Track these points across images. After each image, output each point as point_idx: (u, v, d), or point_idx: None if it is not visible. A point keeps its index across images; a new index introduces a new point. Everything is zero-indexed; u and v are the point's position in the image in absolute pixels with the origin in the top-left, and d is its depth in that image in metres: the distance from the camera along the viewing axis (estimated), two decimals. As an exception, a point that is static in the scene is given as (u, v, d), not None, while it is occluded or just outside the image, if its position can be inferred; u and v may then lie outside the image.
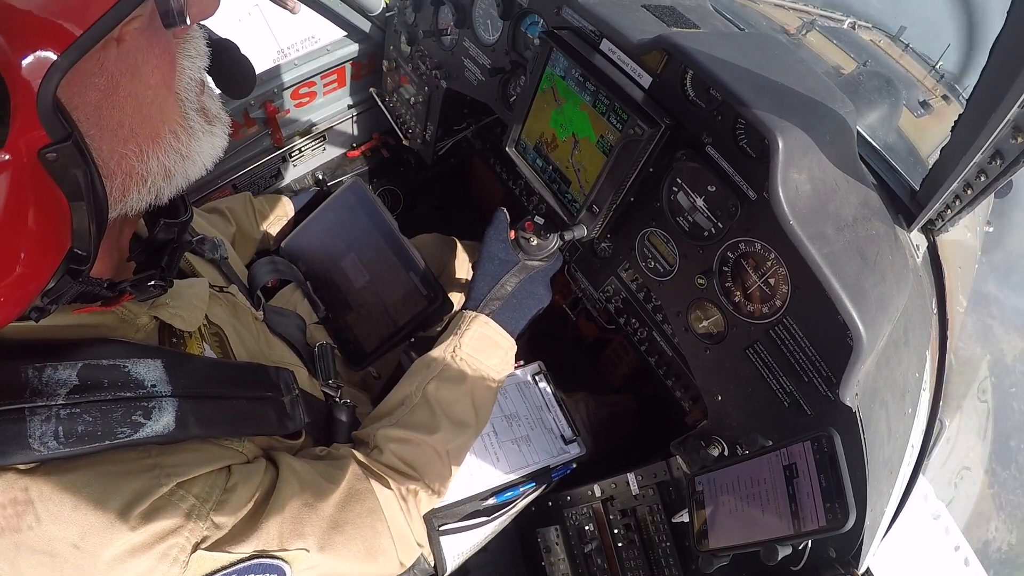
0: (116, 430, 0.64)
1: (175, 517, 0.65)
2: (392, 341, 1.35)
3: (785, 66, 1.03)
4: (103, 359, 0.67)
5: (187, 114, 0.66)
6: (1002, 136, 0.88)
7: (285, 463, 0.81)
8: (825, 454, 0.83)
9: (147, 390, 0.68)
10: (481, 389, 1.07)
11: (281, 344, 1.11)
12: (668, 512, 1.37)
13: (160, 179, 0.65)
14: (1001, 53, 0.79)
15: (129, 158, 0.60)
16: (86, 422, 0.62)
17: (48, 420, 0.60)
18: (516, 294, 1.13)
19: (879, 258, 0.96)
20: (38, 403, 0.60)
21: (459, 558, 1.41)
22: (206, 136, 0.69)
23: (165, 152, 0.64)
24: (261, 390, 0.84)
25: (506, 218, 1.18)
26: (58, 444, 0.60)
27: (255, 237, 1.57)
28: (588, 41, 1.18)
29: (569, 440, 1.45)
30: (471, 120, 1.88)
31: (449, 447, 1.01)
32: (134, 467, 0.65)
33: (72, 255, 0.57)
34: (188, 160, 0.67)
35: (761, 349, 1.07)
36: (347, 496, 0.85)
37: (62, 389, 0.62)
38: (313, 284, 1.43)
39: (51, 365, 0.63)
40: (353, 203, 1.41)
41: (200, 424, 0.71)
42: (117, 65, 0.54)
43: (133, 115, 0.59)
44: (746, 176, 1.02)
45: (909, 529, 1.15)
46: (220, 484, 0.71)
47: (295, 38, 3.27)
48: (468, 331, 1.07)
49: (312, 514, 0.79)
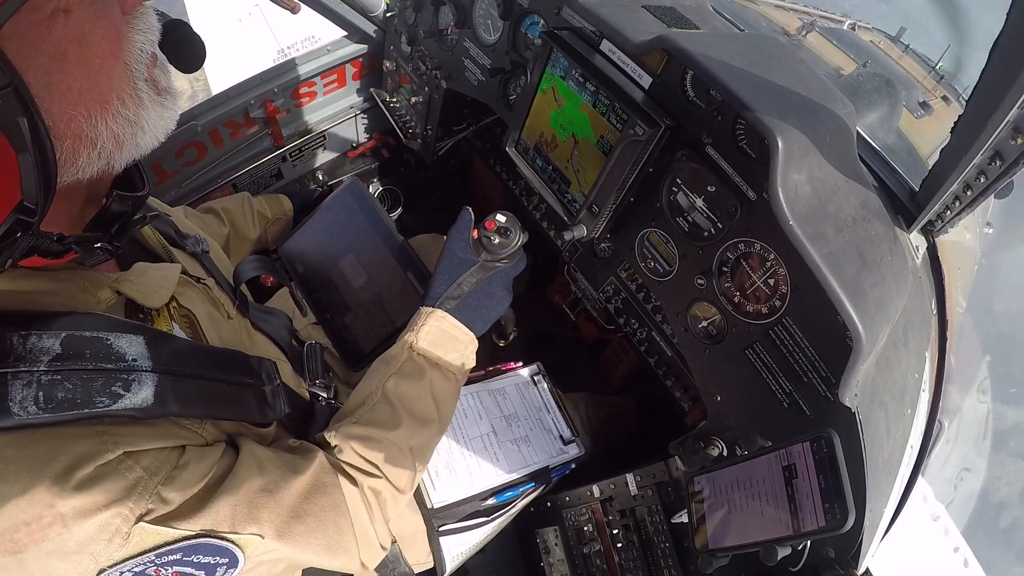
0: (95, 399, 0.64)
1: (119, 485, 0.65)
2: (390, 341, 1.34)
3: (785, 67, 1.03)
4: (86, 331, 0.68)
5: (136, 84, 0.68)
6: (1002, 137, 0.88)
7: (247, 448, 0.80)
8: (824, 455, 0.83)
9: (128, 363, 0.68)
10: (441, 384, 1.06)
11: (264, 340, 1.10)
12: (667, 513, 1.37)
13: (110, 144, 0.67)
14: (1001, 53, 0.79)
15: (78, 120, 0.63)
16: (66, 389, 0.63)
17: (29, 385, 0.61)
18: (473, 294, 1.11)
19: (879, 259, 0.96)
20: (21, 368, 0.61)
21: (458, 558, 1.41)
22: (155, 106, 0.71)
23: (113, 117, 0.66)
24: (242, 376, 0.83)
25: (471, 217, 1.17)
26: (37, 409, 0.61)
27: (251, 237, 1.57)
28: (588, 41, 1.18)
29: (568, 441, 1.45)
30: (471, 120, 1.88)
31: (412, 443, 1.00)
32: (83, 431, 0.64)
33: (22, 207, 0.59)
34: (137, 127, 0.69)
35: (761, 350, 1.07)
36: (311, 487, 0.84)
37: (45, 356, 0.63)
38: (311, 285, 1.42)
39: (35, 333, 0.64)
40: (351, 203, 1.41)
41: (179, 402, 0.71)
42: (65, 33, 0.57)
43: (82, 80, 0.62)
44: (746, 176, 1.02)
45: (908, 530, 1.15)
46: (172, 460, 0.70)
47: (295, 38, 3.27)
48: (424, 326, 1.06)
49: (270, 500, 0.78)
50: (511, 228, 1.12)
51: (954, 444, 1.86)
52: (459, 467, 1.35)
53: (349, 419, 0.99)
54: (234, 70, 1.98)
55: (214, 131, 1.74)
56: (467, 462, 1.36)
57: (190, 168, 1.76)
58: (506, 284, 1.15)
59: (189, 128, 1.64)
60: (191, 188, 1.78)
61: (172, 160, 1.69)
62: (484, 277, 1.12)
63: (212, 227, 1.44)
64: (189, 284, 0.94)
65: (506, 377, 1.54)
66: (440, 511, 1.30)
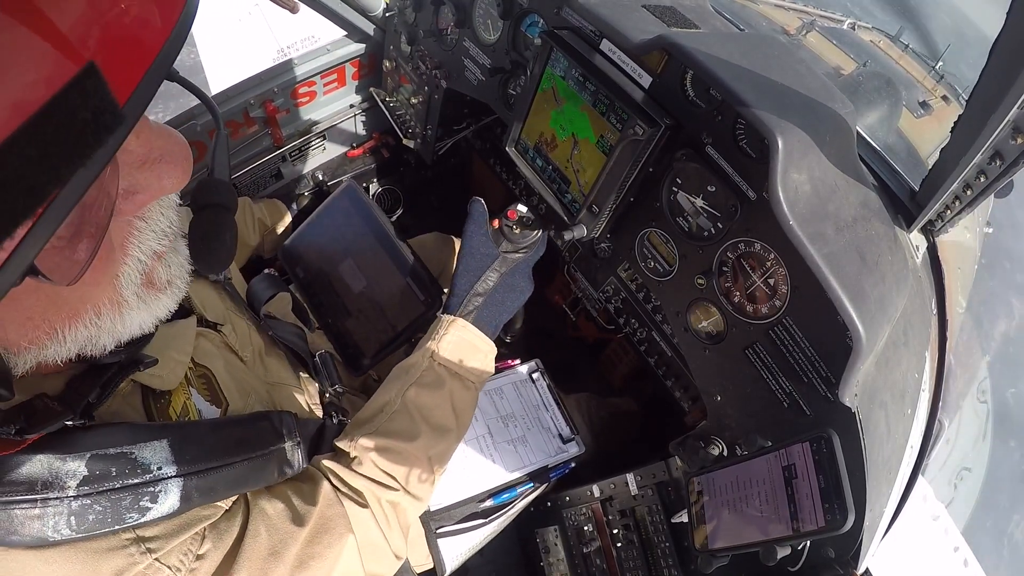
0: (125, 516, 0.66)
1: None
2: (392, 346, 1.34)
3: (785, 66, 1.03)
4: (110, 447, 0.68)
5: (122, 294, 0.62)
6: (1002, 137, 0.88)
7: (257, 507, 0.81)
8: (824, 455, 0.84)
9: (153, 474, 0.70)
10: (461, 393, 1.06)
11: (278, 362, 1.10)
12: (667, 512, 1.37)
13: (84, 342, 0.62)
14: (1001, 53, 0.79)
15: (40, 338, 0.57)
16: (96, 511, 0.64)
17: (60, 511, 0.62)
18: (498, 288, 1.11)
19: (879, 259, 0.96)
20: (51, 496, 0.62)
21: (458, 559, 1.41)
22: (141, 309, 0.65)
23: (86, 326, 0.60)
24: (264, 446, 0.84)
25: (484, 210, 1.16)
26: (70, 531, 0.63)
27: (251, 244, 1.57)
28: (588, 41, 1.18)
29: (567, 439, 1.44)
30: (471, 120, 1.88)
31: (431, 453, 1.00)
32: (113, 542, 0.66)
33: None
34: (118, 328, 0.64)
35: (760, 349, 1.07)
36: (316, 529, 0.85)
37: (72, 481, 0.64)
38: (311, 290, 1.42)
39: (60, 457, 0.65)
40: (348, 207, 1.40)
41: (203, 496, 0.73)
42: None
43: (45, 309, 0.55)
44: (746, 176, 1.02)
45: (908, 530, 1.15)
46: (193, 550, 0.72)
47: (295, 37, 3.27)
48: (446, 336, 1.06)
49: (278, 562, 0.80)
50: (532, 218, 1.12)
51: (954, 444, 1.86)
52: (455, 469, 1.35)
53: (367, 427, 0.98)
54: (234, 70, 1.98)
55: (214, 131, 1.74)
56: (463, 465, 1.36)
57: (190, 168, 1.75)
58: (527, 274, 1.16)
59: (189, 128, 1.64)
60: (191, 188, 1.78)
61: (172, 160, 1.69)
62: (507, 269, 1.12)
63: None
64: (204, 335, 0.94)
65: (504, 376, 1.54)
66: (438, 513, 1.30)
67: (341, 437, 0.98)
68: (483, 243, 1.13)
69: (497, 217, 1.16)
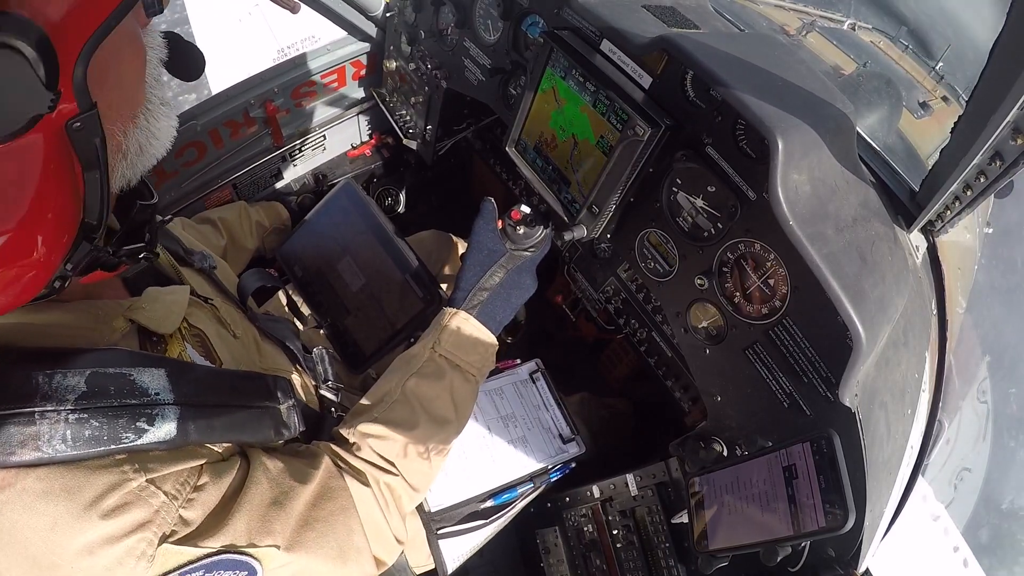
0: (121, 435, 0.66)
1: (144, 511, 0.67)
2: (391, 344, 1.34)
3: (785, 67, 1.03)
4: (110, 367, 0.70)
5: (150, 97, 0.72)
6: (1002, 137, 0.88)
7: (257, 460, 0.82)
8: (824, 455, 0.83)
9: (151, 397, 0.71)
10: (461, 385, 1.07)
11: (274, 351, 1.11)
12: (667, 513, 1.37)
13: (135, 155, 0.71)
14: (1001, 54, 0.79)
15: (115, 134, 0.66)
16: (92, 427, 0.65)
17: (56, 424, 0.63)
18: (504, 284, 1.13)
19: (879, 259, 0.96)
20: (48, 407, 0.63)
21: (458, 560, 1.40)
22: (163, 117, 0.74)
23: (140, 129, 0.70)
24: (259, 399, 0.85)
25: (494, 208, 1.19)
26: (65, 447, 0.63)
27: (249, 247, 1.57)
28: (588, 41, 1.18)
29: (567, 439, 1.44)
30: (471, 120, 1.88)
31: (429, 443, 1.01)
32: (106, 462, 0.67)
33: (84, 224, 0.62)
34: (155, 138, 0.73)
35: (761, 350, 1.07)
36: (319, 494, 0.86)
37: (71, 395, 0.65)
38: (311, 288, 1.42)
39: (60, 371, 0.66)
40: (346, 205, 1.40)
41: (200, 431, 0.73)
42: (105, 54, 0.58)
43: (117, 95, 0.65)
44: (746, 177, 1.02)
45: (908, 530, 1.15)
46: (191, 481, 0.72)
47: (295, 38, 3.27)
48: (448, 327, 1.07)
49: (281, 511, 0.80)
50: (536, 217, 1.14)
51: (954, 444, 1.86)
52: (455, 470, 1.34)
53: (367, 415, 0.99)
54: (234, 70, 1.98)
55: (214, 131, 1.74)
56: (463, 465, 1.36)
57: (190, 168, 1.75)
58: (532, 272, 1.18)
59: (189, 128, 1.64)
60: (191, 188, 1.78)
61: (172, 160, 1.69)
62: (513, 266, 1.14)
63: (210, 238, 1.45)
64: (197, 305, 0.96)
65: (503, 376, 1.54)
66: (437, 514, 1.30)
67: (341, 425, 0.99)
68: (491, 240, 1.15)
69: (500, 217, 1.17)
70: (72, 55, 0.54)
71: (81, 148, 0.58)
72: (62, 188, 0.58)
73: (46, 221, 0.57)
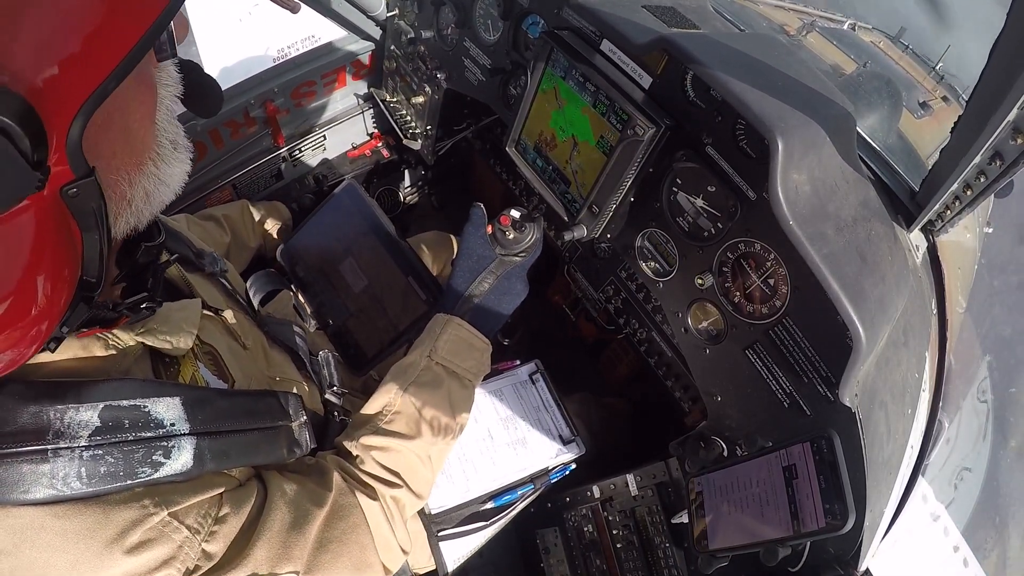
0: (137, 470, 0.66)
1: (167, 547, 0.66)
2: (393, 345, 1.34)
3: (785, 67, 1.03)
4: (123, 399, 0.68)
5: (161, 142, 0.68)
6: (1002, 137, 0.88)
7: (274, 484, 0.82)
8: (824, 455, 0.84)
9: (166, 429, 0.70)
10: (458, 392, 1.07)
11: (280, 357, 1.11)
12: (667, 513, 1.37)
13: (142, 203, 0.67)
14: (1001, 54, 0.79)
15: (120, 184, 0.63)
16: (108, 463, 0.64)
17: (71, 461, 0.62)
18: (494, 290, 1.13)
19: (879, 259, 0.96)
20: (61, 444, 0.62)
21: (458, 561, 1.40)
22: (176, 163, 0.71)
23: (147, 176, 0.66)
24: (273, 420, 0.85)
25: (483, 214, 1.18)
26: (81, 484, 0.62)
27: (251, 245, 1.57)
28: (589, 41, 1.18)
29: (568, 440, 1.44)
30: (471, 120, 1.88)
31: (431, 451, 1.01)
32: (126, 496, 0.66)
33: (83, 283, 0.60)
34: (164, 184, 0.69)
35: (761, 349, 1.07)
36: (332, 514, 0.86)
37: (84, 431, 0.64)
38: (311, 290, 1.41)
39: (73, 407, 0.65)
40: (348, 206, 1.40)
41: (216, 459, 0.73)
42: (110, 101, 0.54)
43: (123, 143, 0.61)
44: (746, 176, 1.02)
45: (908, 530, 1.14)
46: (212, 513, 0.72)
47: (295, 38, 3.26)
48: (443, 334, 1.07)
49: (300, 536, 0.80)
50: (525, 223, 1.13)
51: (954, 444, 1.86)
52: (455, 473, 1.34)
53: (367, 427, 0.99)
54: (234, 70, 1.98)
55: (214, 131, 1.74)
56: (463, 467, 1.36)
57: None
58: (523, 277, 1.17)
59: (189, 128, 1.64)
60: (191, 188, 1.78)
61: (172, 160, 1.69)
62: (503, 272, 1.13)
63: (214, 235, 1.44)
64: (208, 318, 0.95)
65: (503, 377, 1.53)
66: (438, 516, 1.30)
67: (343, 436, 0.99)
68: (481, 245, 1.15)
69: (490, 222, 1.16)
70: (66, 119, 0.49)
71: (78, 213, 0.54)
72: (57, 254, 0.54)
73: (39, 289, 0.53)
